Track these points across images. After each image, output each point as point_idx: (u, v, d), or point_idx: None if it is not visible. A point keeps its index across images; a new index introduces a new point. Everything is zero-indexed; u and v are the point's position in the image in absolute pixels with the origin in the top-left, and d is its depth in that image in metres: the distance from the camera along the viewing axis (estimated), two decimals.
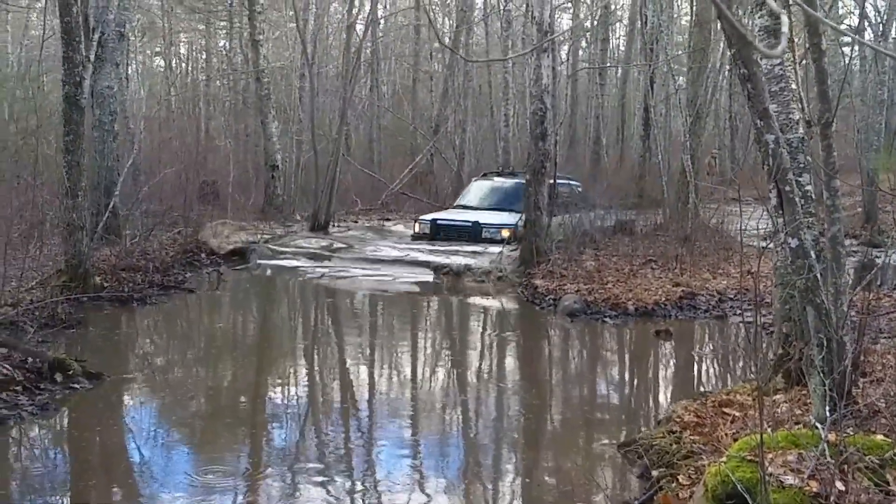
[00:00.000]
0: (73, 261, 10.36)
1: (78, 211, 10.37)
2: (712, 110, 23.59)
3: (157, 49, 36.62)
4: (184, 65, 39.51)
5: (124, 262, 11.53)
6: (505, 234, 15.40)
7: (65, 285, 10.10)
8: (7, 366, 6.94)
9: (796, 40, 6.10)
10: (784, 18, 2.28)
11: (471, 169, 26.52)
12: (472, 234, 15.96)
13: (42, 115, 16.09)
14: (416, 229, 17.22)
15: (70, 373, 7.03)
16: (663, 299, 10.89)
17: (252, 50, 21.40)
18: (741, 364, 8.15)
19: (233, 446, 5.95)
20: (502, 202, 17.14)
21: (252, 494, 5.03)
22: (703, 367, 8.94)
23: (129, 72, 24.11)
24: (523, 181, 16.23)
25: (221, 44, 34.98)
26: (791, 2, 5.56)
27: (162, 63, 37.21)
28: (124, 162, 13.47)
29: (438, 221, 16.82)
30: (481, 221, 16.15)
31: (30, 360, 7.07)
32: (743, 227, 10.75)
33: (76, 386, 6.92)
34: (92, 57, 10.91)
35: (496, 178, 18.73)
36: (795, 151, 5.35)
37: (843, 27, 23.02)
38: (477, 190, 18.53)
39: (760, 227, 9.15)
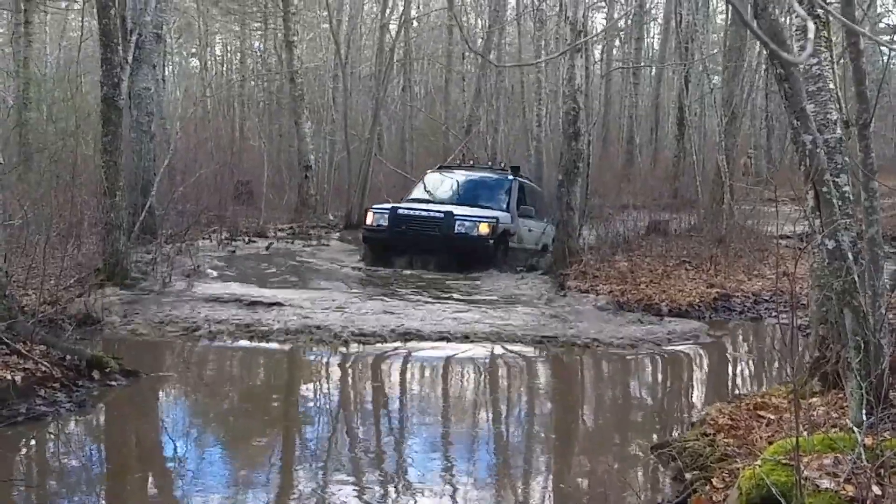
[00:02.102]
0: (111, 259, 10.49)
1: (115, 210, 10.49)
2: (748, 110, 23.41)
3: (193, 50, 37.01)
4: (219, 66, 39.83)
5: (160, 261, 11.66)
6: (483, 229, 13.54)
7: (102, 283, 10.24)
8: (45, 363, 7.05)
9: (834, 39, 6.05)
10: (810, 24, 2.28)
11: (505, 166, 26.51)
12: (442, 228, 13.46)
13: (80, 116, 16.29)
14: (370, 221, 14.26)
15: (107, 370, 7.13)
16: (697, 300, 10.84)
17: (286, 51, 21.55)
18: (776, 366, 8.08)
19: (267, 442, 6.01)
20: (469, 197, 15.13)
21: (287, 490, 5.08)
22: (738, 369, 8.88)
23: (166, 73, 24.40)
24: (491, 175, 16.00)
25: (256, 45, 35.27)
26: (827, 2, 5.52)
27: (197, 64, 37.59)
28: (161, 162, 13.58)
29: (400, 212, 13.89)
30: (456, 213, 13.66)
31: (68, 357, 7.17)
32: (779, 229, 10.73)
33: (113, 383, 7.01)
34: (129, 58, 11.02)
35: (457, 171, 16.54)
36: (833, 152, 5.30)
37: (881, 25, 22.76)
38: (435, 183, 16.14)
39: (797, 228, 9.11)
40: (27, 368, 6.95)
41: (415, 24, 31.31)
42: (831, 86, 5.56)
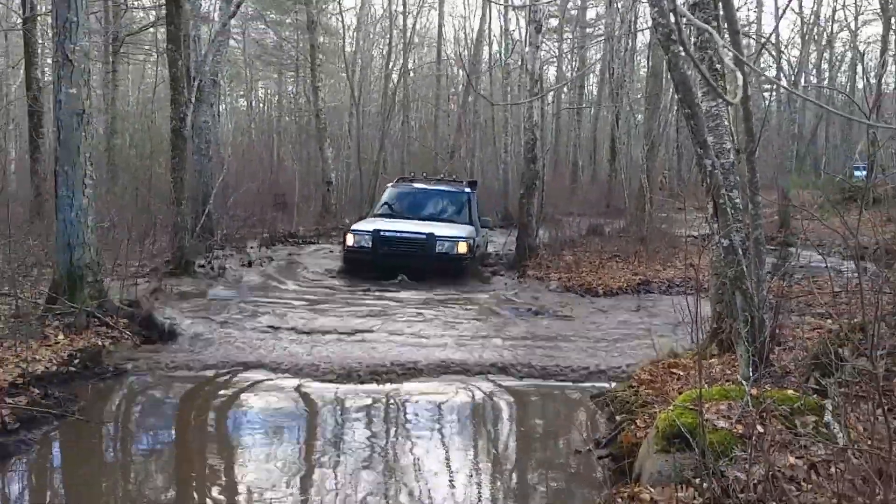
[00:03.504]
0: (178, 253, 10.44)
1: (181, 215, 10.45)
2: (664, 141, 23.39)
3: (241, 93, 36.72)
4: (261, 105, 39.56)
5: (216, 255, 11.61)
6: (462, 248, 11.50)
7: (171, 272, 10.18)
8: (127, 332, 7.06)
9: (728, 87, 6.07)
10: (739, 74, 2.29)
11: (479, 185, 26.43)
12: (425, 248, 11.36)
13: (154, 143, 16.18)
14: (351, 242, 11.60)
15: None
16: (625, 285, 10.86)
17: (313, 93, 21.37)
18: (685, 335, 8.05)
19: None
20: (433, 211, 12.92)
21: None
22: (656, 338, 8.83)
23: (220, 110, 24.18)
24: (449, 188, 13.62)
25: (290, 89, 35.02)
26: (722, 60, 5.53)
27: (244, 103, 37.32)
28: (216, 179, 13.49)
29: (382, 233, 11.45)
30: (437, 234, 11.47)
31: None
32: (686, 231, 10.76)
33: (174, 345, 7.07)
34: (192, 98, 10.95)
35: (416, 184, 13.88)
36: (727, 173, 5.33)
37: (762, 78, 22.87)
38: (399, 198, 13.39)
39: (700, 231, 9.11)
40: (113, 336, 6.92)
41: (411, 73, 31.14)
42: (726, 123, 5.59)
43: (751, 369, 4.33)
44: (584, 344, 7.63)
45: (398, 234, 11.51)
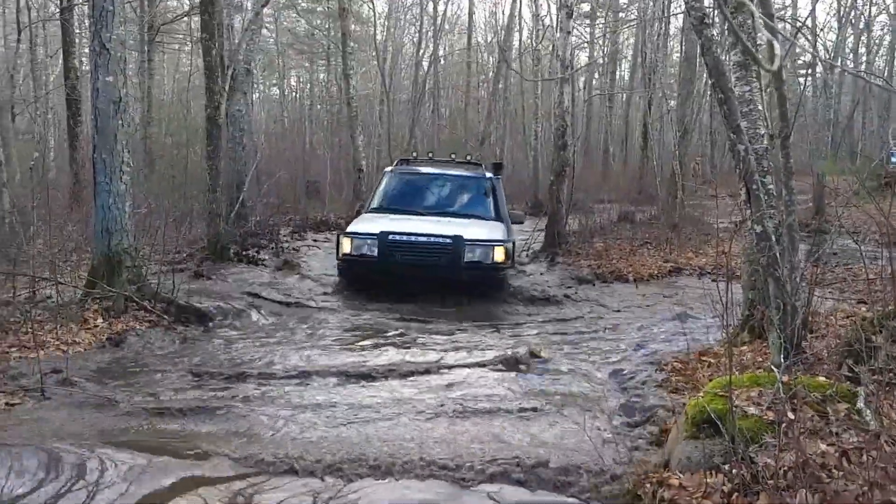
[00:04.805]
0: (213, 239, 10.59)
1: (217, 202, 10.59)
2: (697, 127, 23.09)
3: (274, 81, 37.00)
4: (293, 93, 39.82)
5: (250, 241, 11.75)
6: (499, 255, 8.65)
7: (207, 257, 10.34)
8: (165, 316, 7.20)
9: (762, 71, 5.97)
10: (776, 44, 2.26)
11: (506, 172, 26.36)
12: (450, 257, 8.45)
13: (190, 131, 16.39)
14: (348, 249, 8.73)
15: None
16: (656, 272, 10.76)
17: (344, 81, 21.41)
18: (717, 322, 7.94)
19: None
20: (452, 205, 9.99)
21: None
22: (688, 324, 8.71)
23: (254, 99, 24.42)
24: (466, 172, 10.60)
25: (321, 77, 35.18)
26: (761, 44, 5.45)
27: (277, 92, 37.59)
28: (250, 166, 13.62)
29: (393, 237, 8.54)
30: (466, 237, 8.57)
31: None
32: (719, 218, 10.62)
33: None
34: (226, 87, 11.06)
35: (423, 168, 10.81)
36: (761, 158, 5.25)
37: (799, 61, 22.44)
38: (402, 186, 10.33)
39: (732, 218, 8.95)
40: (151, 320, 7.06)
41: (442, 61, 31.10)
42: (760, 107, 5.50)
43: (782, 356, 4.28)
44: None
45: (414, 239, 8.56)
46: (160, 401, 5.03)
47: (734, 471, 3.36)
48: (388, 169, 11.05)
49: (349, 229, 9.14)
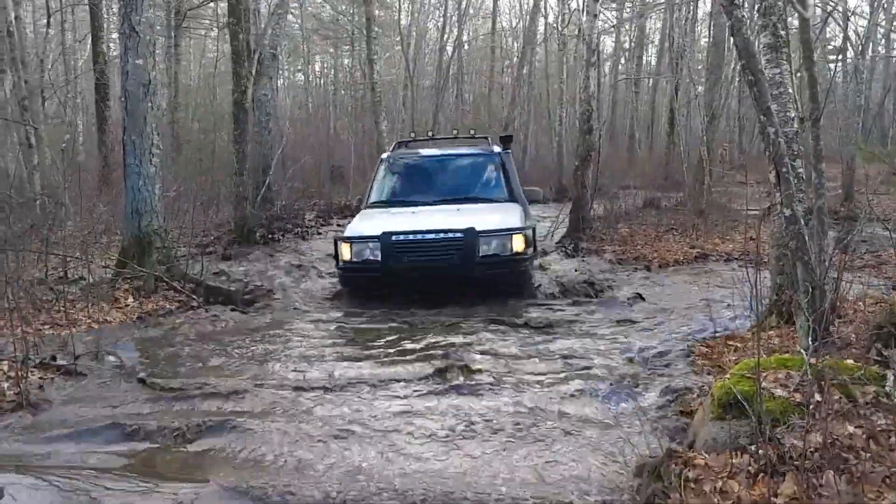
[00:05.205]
0: (241, 222, 10.72)
1: (243, 186, 10.71)
2: (724, 112, 22.80)
3: (299, 67, 37.10)
4: (318, 79, 39.91)
5: (276, 225, 11.87)
6: (518, 244, 7.54)
7: (234, 240, 10.47)
8: (194, 297, 7.31)
9: (793, 55, 5.90)
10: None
11: (530, 157, 26.26)
12: (463, 253, 7.36)
13: (216, 116, 16.53)
14: (348, 256, 7.61)
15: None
16: (682, 258, 10.66)
17: (368, 67, 21.42)
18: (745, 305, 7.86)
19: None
20: (458, 188, 8.82)
21: None
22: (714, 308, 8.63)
23: (279, 84, 24.52)
24: (472, 150, 9.60)
25: (345, 62, 35.23)
26: (790, 26, 5.38)
27: (302, 77, 37.72)
28: (276, 151, 13.70)
29: (397, 238, 7.42)
30: (479, 228, 7.44)
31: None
32: (747, 204, 10.49)
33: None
34: (253, 72, 11.15)
35: (426, 152, 9.69)
36: (790, 141, 5.20)
37: (829, 47, 22.06)
38: (402, 173, 9.23)
39: (760, 205, 8.81)
40: (181, 301, 7.19)
41: (465, 46, 30.97)
42: (790, 90, 5.45)
43: (810, 339, 4.26)
44: None
45: (421, 237, 7.44)
46: (191, 379, 5.13)
47: (760, 451, 3.36)
48: (385, 155, 9.78)
49: (347, 232, 7.94)
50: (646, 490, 3.42)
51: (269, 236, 11.03)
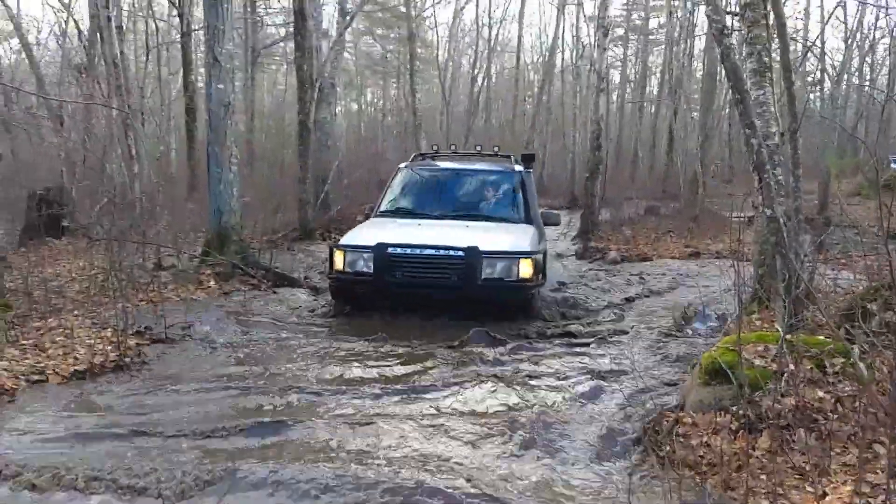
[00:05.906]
0: (303, 222, 10.88)
1: (306, 193, 10.86)
2: (717, 135, 22.41)
3: (353, 97, 37.47)
4: (369, 107, 40.24)
5: (332, 225, 11.98)
6: (525, 270, 5.98)
7: (297, 237, 10.62)
8: (264, 281, 7.42)
9: (774, 78, 5.81)
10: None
11: (547, 172, 26.11)
12: (462, 273, 5.90)
13: (284, 136, 16.76)
14: (340, 265, 6.15)
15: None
16: (677, 255, 10.56)
17: (411, 96, 21.57)
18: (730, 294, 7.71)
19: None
20: (473, 205, 7.24)
21: None
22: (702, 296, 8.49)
23: (337, 111, 24.73)
24: (492, 166, 7.85)
25: (392, 92, 35.47)
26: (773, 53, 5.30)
27: (356, 105, 38.09)
28: (333, 165, 13.85)
29: (391, 250, 5.98)
30: (482, 248, 5.95)
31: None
32: (733, 212, 10.29)
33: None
34: (315, 98, 11.31)
35: (442, 163, 8.07)
36: (772, 153, 5.12)
37: (808, 79, 21.61)
38: (416, 185, 7.66)
39: (745, 213, 8.62)
40: (253, 284, 7.31)
41: (493, 78, 30.89)
42: (772, 109, 5.36)
43: (785, 318, 4.20)
44: None
45: (418, 252, 5.99)
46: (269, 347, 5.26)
47: (741, 412, 3.33)
48: (403, 165, 8.09)
49: (344, 240, 6.52)
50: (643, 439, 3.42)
51: (327, 234, 11.15)
